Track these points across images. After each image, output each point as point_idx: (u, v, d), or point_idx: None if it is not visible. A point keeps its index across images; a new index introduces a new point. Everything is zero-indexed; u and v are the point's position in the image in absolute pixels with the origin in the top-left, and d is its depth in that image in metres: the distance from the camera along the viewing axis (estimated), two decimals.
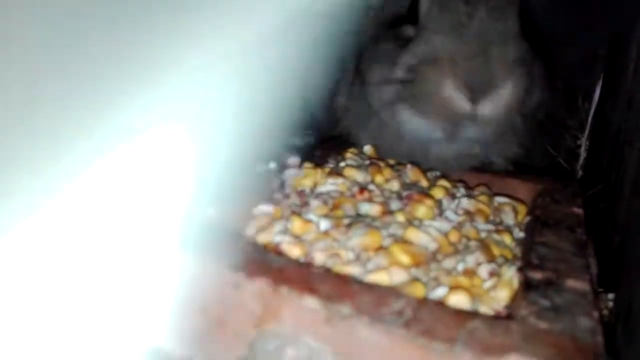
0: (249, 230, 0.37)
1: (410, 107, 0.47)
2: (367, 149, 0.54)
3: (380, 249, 0.34)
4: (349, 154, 0.51)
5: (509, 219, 0.42)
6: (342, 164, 0.48)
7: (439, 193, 0.43)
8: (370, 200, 0.41)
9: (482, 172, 0.52)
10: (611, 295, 0.47)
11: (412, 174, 0.47)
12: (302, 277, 0.28)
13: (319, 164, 0.47)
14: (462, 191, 0.45)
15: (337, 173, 0.45)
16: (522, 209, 0.44)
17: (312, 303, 0.26)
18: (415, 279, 0.31)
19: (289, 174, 0.45)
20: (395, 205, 0.40)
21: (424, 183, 0.46)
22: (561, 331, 0.26)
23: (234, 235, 0.32)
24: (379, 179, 0.45)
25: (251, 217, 0.39)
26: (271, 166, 0.46)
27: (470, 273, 0.33)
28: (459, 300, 0.29)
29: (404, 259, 0.33)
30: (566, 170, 0.75)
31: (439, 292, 0.30)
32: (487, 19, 0.46)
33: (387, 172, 0.46)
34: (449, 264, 0.34)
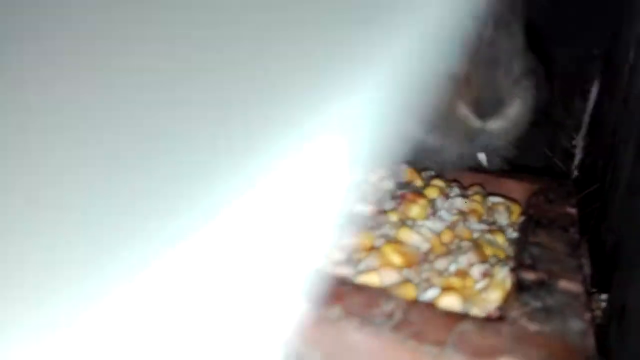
0: None
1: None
2: None
3: (372, 249, 0.34)
4: None
5: (502, 218, 0.42)
6: None
7: (432, 193, 0.43)
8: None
9: (477, 172, 0.52)
10: (605, 296, 0.47)
11: (406, 173, 0.47)
12: None
13: None
14: (456, 191, 0.44)
15: None
16: (516, 209, 0.44)
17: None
18: (407, 280, 0.31)
19: None
20: (388, 205, 0.40)
21: (418, 182, 0.46)
22: (552, 333, 0.26)
23: None
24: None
25: None
26: None
27: (463, 274, 0.33)
28: (450, 302, 0.29)
29: (396, 259, 0.33)
30: (562, 170, 0.75)
31: (430, 294, 0.30)
32: (496, 38, 0.48)
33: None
34: (441, 264, 0.33)
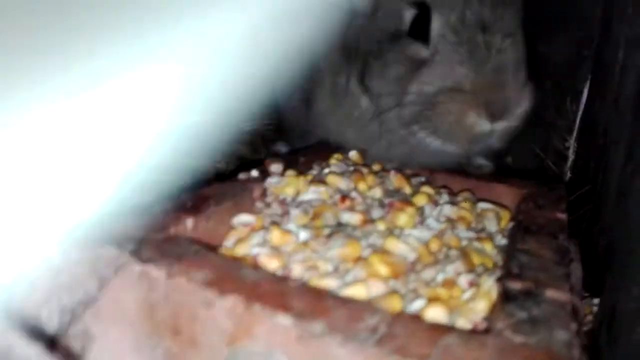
0: (227, 242, 0.37)
1: (426, 129, 0.50)
2: (353, 154, 0.54)
3: (359, 259, 0.34)
4: (333, 160, 0.51)
5: (491, 225, 0.42)
6: (326, 170, 0.47)
7: (421, 200, 0.43)
8: (352, 209, 0.40)
9: (467, 177, 0.52)
10: (597, 300, 0.47)
11: (395, 180, 0.47)
12: (277, 292, 0.27)
13: (302, 171, 0.47)
14: (446, 197, 0.44)
15: (319, 181, 0.44)
16: (505, 215, 0.44)
17: (284, 320, 0.25)
18: (393, 292, 0.31)
19: (271, 181, 0.44)
20: (376, 213, 0.40)
21: (407, 190, 0.45)
22: (537, 345, 0.25)
23: (207, 249, 0.31)
24: (362, 186, 0.45)
25: (230, 227, 0.38)
26: (253, 173, 0.46)
27: (450, 283, 0.32)
28: (436, 314, 0.29)
29: (383, 270, 0.33)
30: (555, 172, 0.75)
31: (416, 305, 0.30)
32: (503, 48, 0.49)
33: (371, 179, 0.46)
34: (428, 274, 0.33)
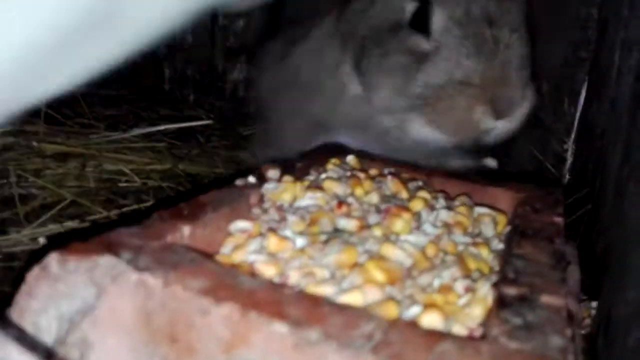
0: (224, 249, 0.37)
1: (424, 120, 0.50)
2: (350, 159, 0.54)
3: (355, 265, 0.34)
4: (330, 165, 0.51)
5: (488, 230, 0.42)
6: (323, 176, 0.47)
7: (418, 205, 0.43)
8: (349, 215, 0.40)
9: (464, 181, 0.52)
10: (595, 304, 0.47)
11: (392, 185, 0.47)
12: (273, 300, 0.28)
13: (299, 177, 0.47)
14: (442, 202, 0.44)
15: (316, 186, 0.44)
16: (502, 219, 0.44)
17: (280, 328, 0.25)
18: (390, 298, 0.31)
19: (268, 187, 0.45)
20: (373, 219, 0.40)
21: (404, 194, 0.46)
22: (532, 351, 0.26)
23: (204, 256, 0.31)
24: (358, 191, 0.45)
25: (227, 234, 0.38)
26: (250, 179, 0.46)
27: (446, 289, 0.33)
28: (432, 320, 0.29)
29: (379, 276, 0.33)
30: (553, 174, 0.75)
31: (412, 311, 0.30)
32: (510, 43, 0.49)
33: (367, 184, 0.46)
34: (424, 280, 0.33)
